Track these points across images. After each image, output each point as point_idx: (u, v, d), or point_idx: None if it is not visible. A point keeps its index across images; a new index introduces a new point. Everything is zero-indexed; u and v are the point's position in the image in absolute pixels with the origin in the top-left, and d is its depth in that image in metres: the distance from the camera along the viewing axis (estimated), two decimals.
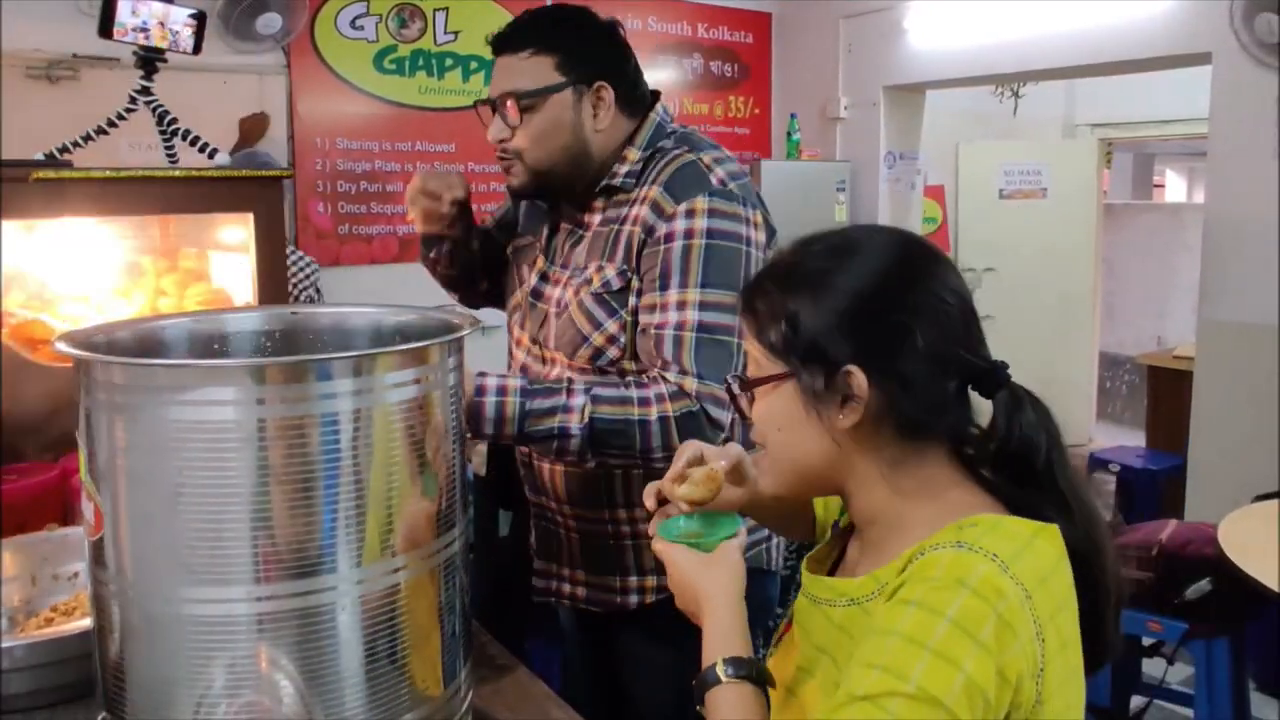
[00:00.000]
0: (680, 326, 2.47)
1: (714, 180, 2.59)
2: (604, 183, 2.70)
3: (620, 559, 2.71)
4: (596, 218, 2.72)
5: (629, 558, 2.71)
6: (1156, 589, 4.29)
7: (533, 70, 2.60)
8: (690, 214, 2.53)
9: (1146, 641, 4.68)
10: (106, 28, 3.88)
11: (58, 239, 3.80)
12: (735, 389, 1.75)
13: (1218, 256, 6.35)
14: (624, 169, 2.69)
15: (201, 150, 4.13)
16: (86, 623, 1.90)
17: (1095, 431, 11.03)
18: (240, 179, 3.99)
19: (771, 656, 1.86)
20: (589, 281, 2.62)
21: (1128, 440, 9.49)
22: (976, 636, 1.37)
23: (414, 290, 4.30)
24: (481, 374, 2.43)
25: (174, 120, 4.13)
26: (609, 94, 2.66)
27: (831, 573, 1.83)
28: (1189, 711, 4.71)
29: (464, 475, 1.98)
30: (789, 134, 8.44)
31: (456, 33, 7.03)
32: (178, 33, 4.08)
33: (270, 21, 5.81)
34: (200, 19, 4.15)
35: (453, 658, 1.93)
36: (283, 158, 6.43)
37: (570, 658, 2.98)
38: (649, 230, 2.56)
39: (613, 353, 2.60)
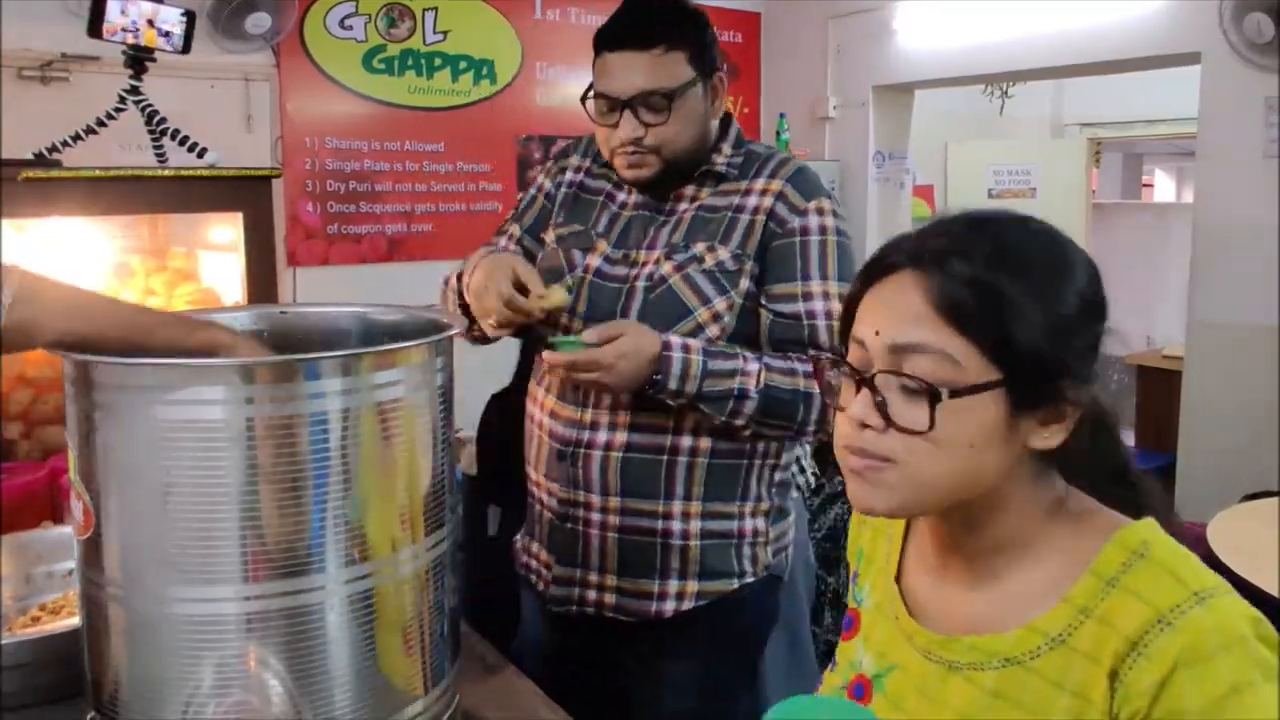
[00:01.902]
0: (829, 315, 2.56)
1: (826, 187, 2.74)
2: (704, 169, 2.74)
3: (664, 559, 2.67)
4: (690, 204, 2.74)
5: (673, 558, 2.67)
6: None
7: (670, 67, 2.62)
8: (820, 212, 2.66)
9: None
10: (95, 27, 3.89)
11: (47, 238, 3.80)
12: (925, 392, 1.37)
13: (1207, 256, 6.35)
14: (721, 160, 2.75)
15: (191, 150, 4.14)
16: (75, 621, 1.90)
17: None
18: (229, 179, 4.00)
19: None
20: (697, 259, 2.64)
21: None
22: (1273, 670, 1.28)
23: (403, 290, 4.30)
24: (660, 332, 2.51)
25: (163, 120, 4.13)
26: (723, 85, 2.75)
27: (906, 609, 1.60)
28: None
29: (452, 474, 1.98)
30: (778, 133, 8.42)
31: (446, 32, 7.02)
32: (167, 32, 4.08)
33: (259, 21, 5.80)
34: (189, 18, 4.15)
35: (441, 657, 1.94)
36: (271, 157, 6.43)
37: (552, 669, 2.89)
38: (779, 221, 2.65)
39: (713, 331, 2.61)
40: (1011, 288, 1.36)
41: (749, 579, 2.69)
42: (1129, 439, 8.45)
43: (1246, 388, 6.12)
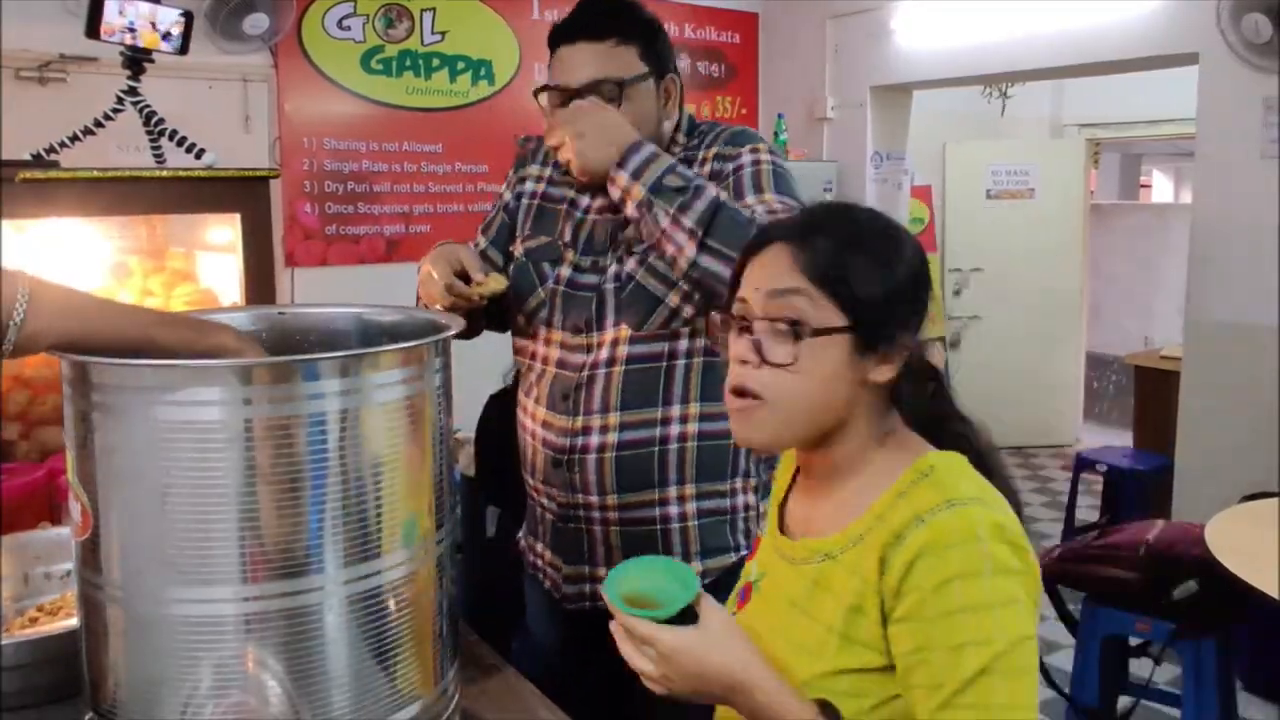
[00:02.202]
0: (770, 211, 2.55)
1: (765, 141, 2.79)
2: None
3: (666, 543, 2.71)
4: None
5: (674, 541, 2.71)
6: (1144, 589, 4.30)
7: (622, 58, 2.65)
8: (754, 150, 2.74)
9: (1134, 641, 4.69)
10: (93, 27, 3.89)
11: (45, 239, 3.80)
12: (791, 333, 1.68)
13: (1205, 256, 6.36)
14: (677, 150, 2.80)
15: (189, 151, 4.13)
16: (73, 622, 1.90)
17: (1082, 432, 11.04)
18: (227, 179, 3.99)
19: (736, 618, 1.84)
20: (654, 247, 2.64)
21: (1115, 440, 9.51)
22: (1010, 569, 1.56)
23: (401, 291, 4.30)
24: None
25: (161, 121, 4.13)
26: (675, 88, 2.77)
27: (780, 528, 1.94)
28: (1176, 712, 4.71)
29: (451, 475, 1.98)
30: (776, 134, 8.43)
31: (444, 33, 7.02)
32: (165, 33, 4.07)
33: (257, 22, 5.80)
34: (187, 19, 4.15)
35: (440, 658, 1.94)
36: (269, 158, 6.43)
37: (560, 665, 2.91)
38: (718, 175, 2.70)
39: (687, 311, 2.63)
40: (857, 257, 1.70)
41: (744, 551, 2.71)
42: (1126, 440, 8.45)
43: (1245, 388, 6.13)
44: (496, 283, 2.61)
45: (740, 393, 1.72)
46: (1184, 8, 6.30)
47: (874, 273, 1.69)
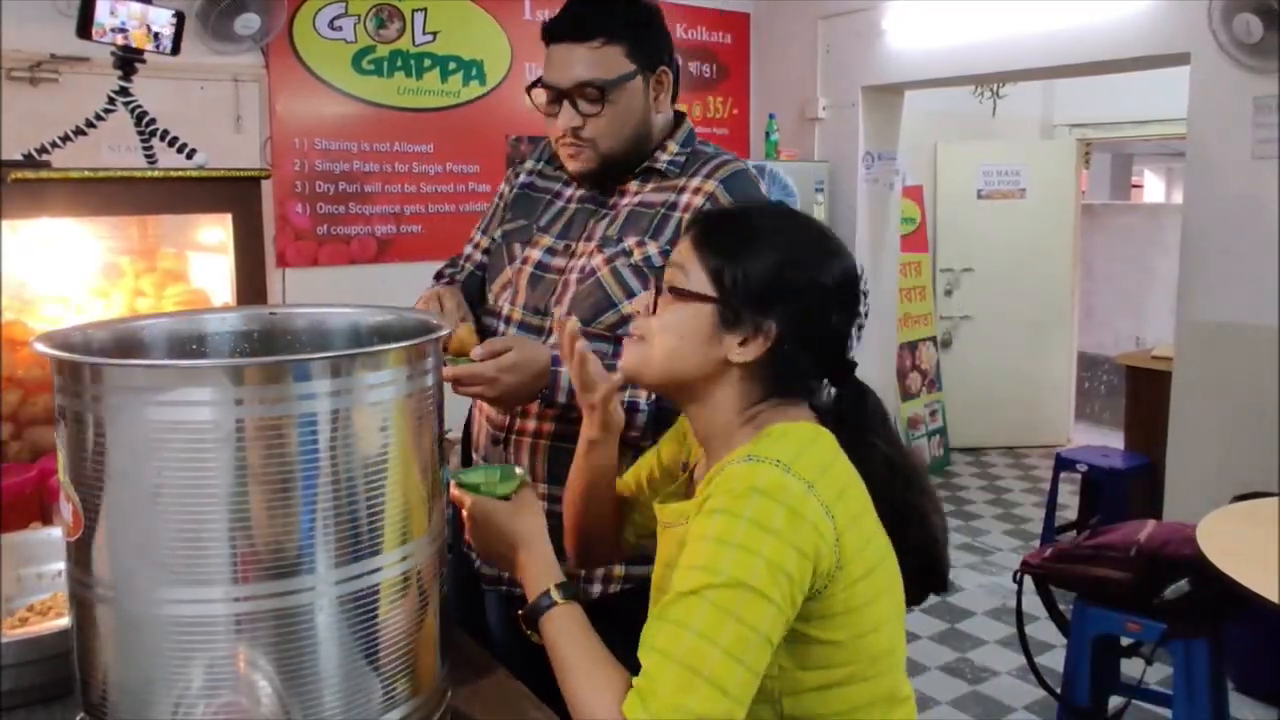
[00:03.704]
0: None
1: (764, 191, 2.82)
2: (645, 165, 2.79)
3: None
4: (630, 198, 2.79)
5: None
6: (1135, 589, 4.30)
7: (606, 59, 2.66)
8: None
9: (1125, 641, 4.69)
10: (85, 28, 3.88)
11: (36, 239, 3.79)
12: (658, 289, 1.98)
13: (1196, 256, 6.37)
14: (665, 156, 2.80)
15: (180, 151, 4.13)
16: (64, 622, 1.90)
17: (1074, 432, 11.05)
18: (218, 180, 3.99)
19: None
20: (626, 253, 2.69)
21: (1107, 441, 9.52)
22: (770, 527, 1.67)
23: (392, 291, 4.30)
24: (554, 347, 2.56)
25: (152, 121, 4.12)
26: (668, 78, 2.78)
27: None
28: (1167, 712, 4.72)
29: (442, 476, 1.98)
30: (767, 134, 8.44)
31: (435, 33, 7.03)
32: (156, 33, 4.07)
33: (248, 22, 5.80)
34: (179, 19, 4.15)
35: (430, 658, 1.94)
36: (260, 158, 6.43)
37: (500, 647, 2.92)
38: None
39: None
40: (742, 241, 1.91)
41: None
42: (1117, 440, 8.46)
43: (1236, 388, 6.15)
44: (465, 339, 2.62)
45: (635, 327, 2.02)
46: (1175, 8, 6.31)
47: (743, 260, 1.89)
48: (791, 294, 1.88)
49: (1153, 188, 21.59)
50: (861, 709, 1.83)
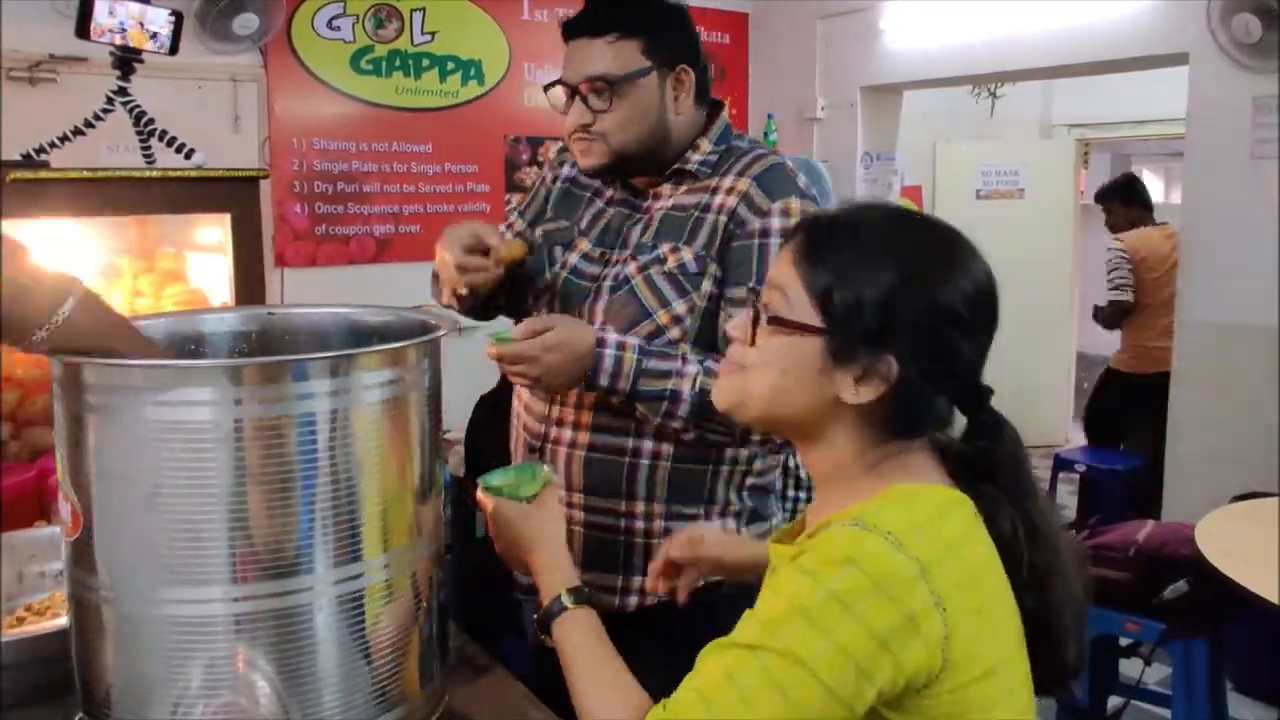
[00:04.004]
0: None
1: (801, 185, 2.65)
2: (675, 167, 2.72)
3: (628, 557, 2.67)
4: (665, 201, 2.72)
5: (637, 556, 2.66)
6: (1134, 589, 4.30)
7: (619, 54, 2.61)
8: (785, 213, 2.58)
9: (1124, 642, 4.69)
10: (83, 28, 3.88)
11: (35, 239, 3.79)
12: (756, 314, 1.70)
13: (1194, 257, 6.36)
14: (697, 157, 2.72)
15: (178, 151, 4.13)
16: (62, 621, 1.90)
17: (1073, 432, 11.03)
18: (217, 179, 3.99)
19: None
20: (660, 260, 2.62)
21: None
22: (853, 608, 1.45)
23: (391, 291, 4.30)
24: (601, 327, 2.56)
25: (151, 121, 4.12)
26: (689, 78, 2.70)
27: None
28: (1166, 712, 4.71)
29: (441, 476, 1.98)
30: (766, 134, 8.43)
31: (433, 33, 7.02)
32: (155, 33, 4.07)
33: (247, 22, 5.80)
34: (177, 19, 4.15)
35: (429, 658, 1.94)
36: (259, 158, 6.43)
37: (537, 658, 2.91)
38: (739, 223, 2.59)
39: (674, 333, 2.59)
40: (855, 263, 1.63)
41: (716, 579, 2.63)
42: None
43: (1235, 388, 6.14)
44: (515, 249, 2.59)
45: (728, 357, 1.77)
46: (1174, 7, 6.30)
47: (857, 279, 1.62)
48: (914, 323, 1.63)
49: (1151, 187, 21.57)
50: None
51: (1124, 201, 7.86)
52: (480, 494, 2.07)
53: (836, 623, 1.45)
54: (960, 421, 1.77)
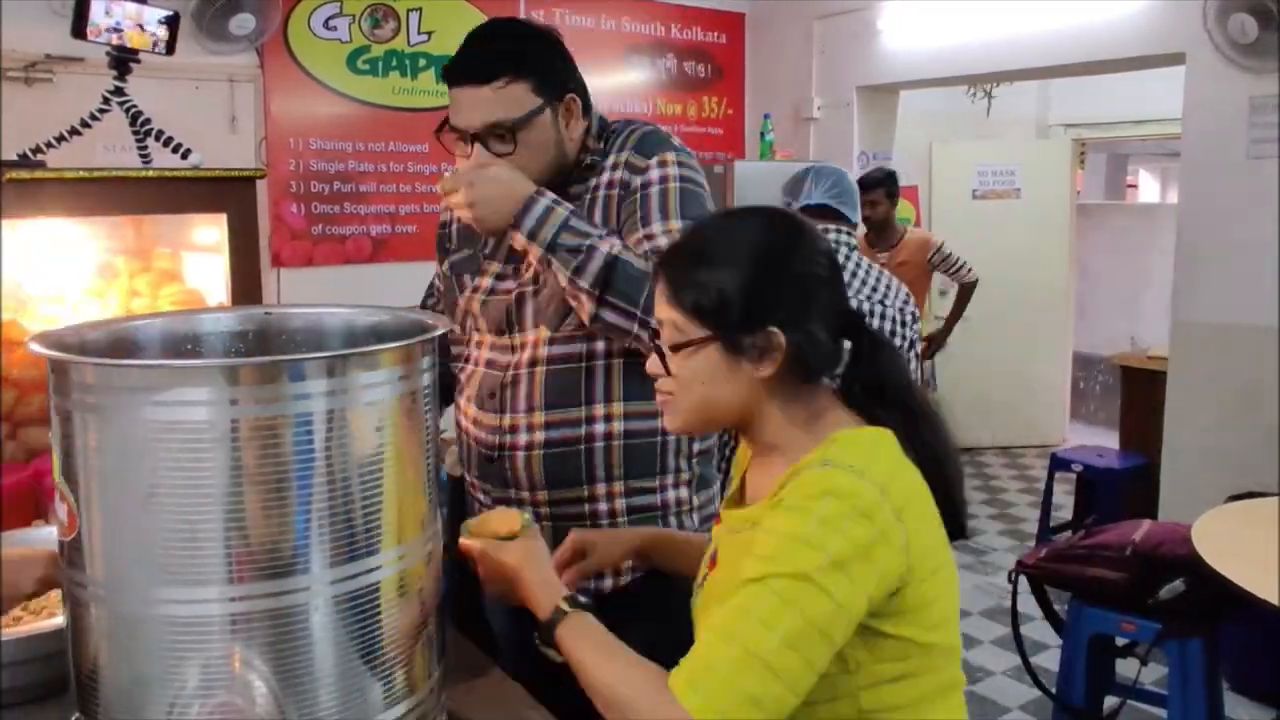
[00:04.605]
0: None
1: (675, 144, 2.80)
2: (573, 175, 2.81)
3: None
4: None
5: None
6: (1130, 589, 4.30)
7: (512, 98, 2.64)
8: (663, 164, 2.74)
9: (1120, 642, 4.69)
10: (80, 28, 3.88)
11: (32, 239, 3.79)
12: (660, 350, 1.97)
13: (1191, 256, 6.38)
14: (586, 159, 2.83)
15: (175, 151, 4.13)
16: (59, 621, 1.90)
17: (1069, 432, 11.05)
18: (213, 179, 3.99)
19: (699, 595, 2.14)
20: None
21: (1102, 441, 9.52)
22: (839, 528, 1.71)
23: (387, 291, 4.30)
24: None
25: (147, 121, 4.12)
26: (577, 105, 2.76)
27: (741, 498, 2.15)
28: (1163, 712, 4.72)
29: (437, 476, 1.98)
30: (762, 134, 8.43)
31: (430, 33, 7.03)
32: (151, 34, 4.07)
33: (243, 22, 5.80)
34: (174, 20, 4.15)
35: (426, 658, 1.94)
36: (255, 158, 6.43)
37: (506, 654, 2.93)
38: (626, 186, 2.74)
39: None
40: (698, 273, 1.91)
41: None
42: (1112, 440, 8.45)
43: (1231, 388, 6.15)
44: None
45: (659, 391, 2.02)
46: (1170, 8, 6.31)
47: (712, 284, 1.89)
48: (775, 296, 1.90)
49: (1148, 188, 21.59)
50: (929, 696, 1.89)
51: (889, 194, 7.75)
52: (464, 541, 2.20)
53: (829, 540, 1.70)
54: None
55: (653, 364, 2.00)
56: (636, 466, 2.75)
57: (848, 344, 2.01)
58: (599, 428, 2.72)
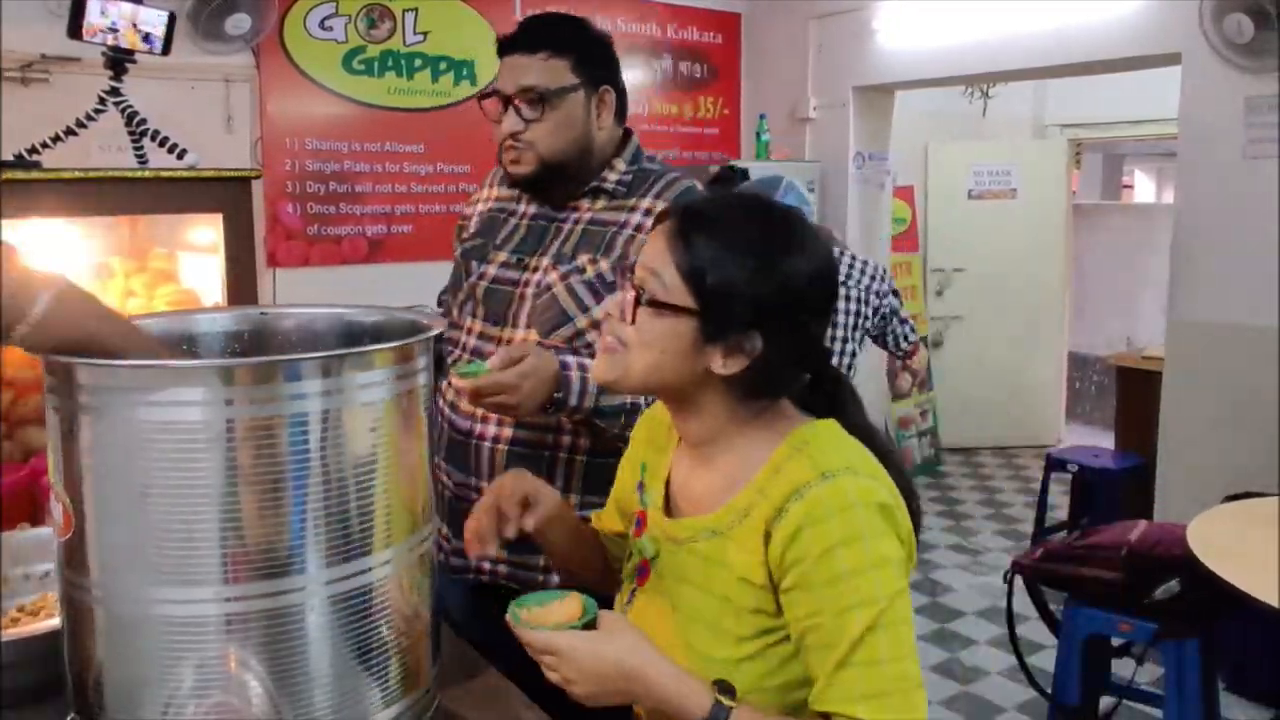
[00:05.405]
0: None
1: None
2: (593, 184, 2.90)
3: None
4: (584, 215, 2.90)
5: None
6: (1126, 589, 4.30)
7: (551, 70, 2.81)
8: None
9: (1116, 642, 4.70)
10: (75, 28, 3.88)
11: (27, 239, 3.79)
12: (632, 294, 1.88)
13: (1187, 257, 6.37)
14: (614, 176, 2.93)
15: (170, 151, 4.13)
16: (54, 622, 1.90)
17: (1065, 432, 11.06)
18: (209, 180, 3.99)
19: (630, 611, 2.04)
20: (580, 270, 2.79)
21: (1098, 441, 9.52)
22: (880, 532, 1.74)
23: (383, 291, 4.30)
24: (556, 350, 2.68)
25: (143, 121, 4.12)
26: (611, 99, 2.91)
27: (666, 505, 2.07)
28: (1158, 712, 4.72)
29: (432, 476, 1.98)
30: (758, 134, 8.44)
31: (426, 33, 7.02)
32: (147, 34, 4.07)
33: (239, 22, 5.80)
34: (170, 20, 4.15)
35: (421, 658, 1.94)
36: (251, 158, 6.43)
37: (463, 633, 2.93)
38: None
39: (592, 336, 2.73)
40: (724, 253, 1.82)
41: None
42: (1108, 440, 8.46)
43: (1227, 388, 6.15)
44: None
45: (610, 333, 1.93)
46: (1166, 8, 6.32)
47: (728, 266, 1.81)
48: (778, 311, 1.83)
49: (1144, 188, 21.61)
50: None
51: None
52: (529, 635, 1.74)
53: (882, 546, 1.73)
54: None
55: (616, 304, 1.95)
56: (594, 483, 2.78)
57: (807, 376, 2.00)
58: (565, 439, 2.79)
